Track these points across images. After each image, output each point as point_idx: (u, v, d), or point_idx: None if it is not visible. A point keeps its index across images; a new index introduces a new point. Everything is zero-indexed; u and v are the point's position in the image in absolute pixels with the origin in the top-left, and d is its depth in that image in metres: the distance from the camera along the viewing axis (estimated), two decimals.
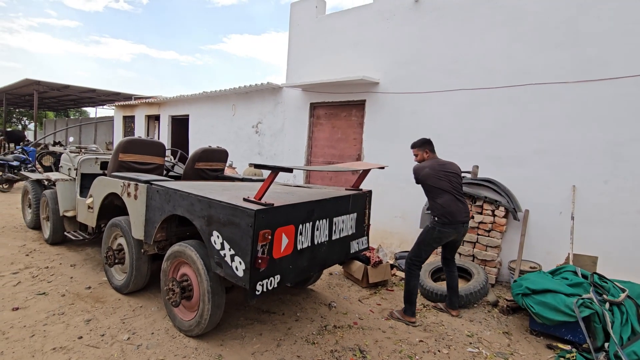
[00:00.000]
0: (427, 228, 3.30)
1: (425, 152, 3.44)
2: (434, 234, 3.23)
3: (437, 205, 3.22)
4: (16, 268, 3.88)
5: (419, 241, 3.31)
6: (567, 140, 4.03)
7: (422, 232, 3.33)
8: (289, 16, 7.06)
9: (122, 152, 3.73)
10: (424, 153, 3.44)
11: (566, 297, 2.93)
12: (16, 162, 8.60)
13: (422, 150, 3.45)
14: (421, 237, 3.31)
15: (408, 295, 3.27)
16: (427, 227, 3.31)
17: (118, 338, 2.69)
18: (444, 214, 3.18)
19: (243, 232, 2.26)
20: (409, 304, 3.26)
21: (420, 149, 3.46)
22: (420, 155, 3.46)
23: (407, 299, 3.27)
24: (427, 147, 3.44)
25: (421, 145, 3.46)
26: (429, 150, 3.44)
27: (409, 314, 3.26)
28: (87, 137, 22.61)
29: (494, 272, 4.22)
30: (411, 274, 3.26)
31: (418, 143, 3.48)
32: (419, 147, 3.46)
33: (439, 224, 3.21)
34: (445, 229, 3.19)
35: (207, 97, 8.93)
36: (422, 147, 3.45)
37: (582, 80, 3.94)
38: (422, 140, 3.48)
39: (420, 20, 5.20)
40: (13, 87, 15.31)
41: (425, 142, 3.46)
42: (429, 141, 3.46)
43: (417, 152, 3.47)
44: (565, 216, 4.01)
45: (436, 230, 3.21)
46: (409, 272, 3.28)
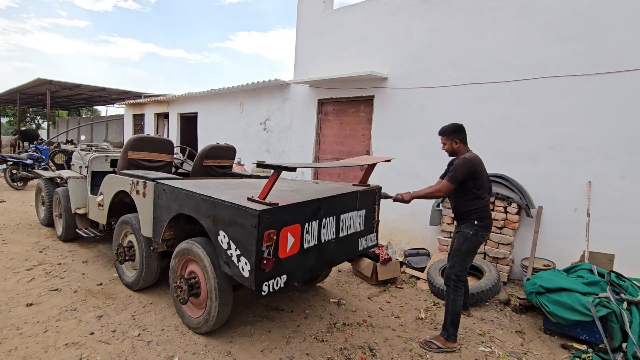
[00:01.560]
0: (468, 235, 2.81)
1: (454, 142, 2.90)
2: (477, 239, 2.82)
3: (481, 207, 2.82)
4: (30, 264, 3.95)
5: (465, 252, 2.82)
6: (582, 135, 3.92)
7: (464, 242, 2.82)
8: (296, 12, 7.00)
9: (131, 149, 3.76)
10: (452, 143, 2.91)
11: (582, 296, 2.85)
12: (30, 161, 8.76)
13: (452, 139, 2.91)
14: (465, 247, 2.82)
15: (454, 318, 2.76)
16: (467, 234, 2.81)
17: (129, 334, 2.71)
18: (487, 217, 2.85)
19: (247, 233, 2.24)
20: (454, 327, 2.77)
21: (449, 138, 2.91)
22: (448, 145, 2.92)
23: (453, 322, 2.76)
24: (457, 136, 2.89)
25: (452, 132, 2.90)
26: (459, 140, 2.89)
27: (452, 339, 2.76)
28: (98, 135, 22.97)
29: (506, 269, 4.14)
30: (457, 292, 2.78)
31: (448, 130, 2.92)
32: (448, 135, 2.91)
33: (481, 228, 2.81)
34: (486, 233, 2.86)
35: (215, 95, 8.95)
36: (451, 136, 2.90)
37: (598, 73, 3.81)
38: (454, 127, 2.91)
39: (428, 14, 5.09)
40: (26, 87, 15.60)
41: (457, 130, 2.90)
42: (462, 128, 2.90)
43: (446, 140, 2.92)
44: (580, 213, 3.90)
45: (479, 236, 2.82)
46: (455, 290, 2.78)
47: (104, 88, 15.43)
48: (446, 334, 2.78)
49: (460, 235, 2.87)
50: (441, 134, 2.99)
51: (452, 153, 2.96)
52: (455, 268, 2.84)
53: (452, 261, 2.89)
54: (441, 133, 2.99)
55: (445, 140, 2.95)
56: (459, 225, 2.94)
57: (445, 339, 2.77)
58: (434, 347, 2.75)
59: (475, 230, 2.81)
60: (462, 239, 2.84)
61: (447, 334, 2.78)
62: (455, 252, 2.89)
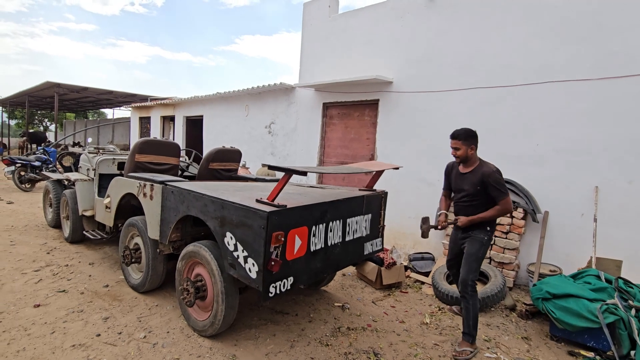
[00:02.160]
0: (483, 241, 2.83)
1: (470, 148, 2.78)
2: (488, 245, 2.88)
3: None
4: (38, 266, 3.99)
5: (482, 257, 2.84)
6: (589, 139, 3.89)
7: (480, 247, 2.83)
8: (301, 16, 7.05)
9: (138, 152, 3.79)
10: (468, 149, 2.77)
11: (589, 303, 2.82)
12: (38, 163, 8.86)
13: (468, 144, 2.77)
14: (482, 252, 2.84)
15: (475, 321, 2.79)
16: (482, 239, 2.83)
17: (135, 336, 2.73)
18: (495, 224, 2.92)
19: (256, 234, 2.25)
20: (475, 330, 2.80)
21: (465, 143, 2.76)
22: (463, 150, 2.77)
23: (475, 325, 2.78)
24: (474, 141, 2.79)
25: (469, 137, 2.77)
26: (475, 146, 2.80)
27: (474, 341, 2.82)
28: (104, 137, 23.22)
29: (512, 275, 4.11)
30: (475, 296, 2.80)
31: (464, 134, 2.77)
32: (464, 139, 2.76)
33: (492, 233, 2.89)
34: (493, 238, 2.96)
35: (221, 98, 9.01)
36: (468, 141, 2.77)
37: (606, 77, 3.80)
38: (471, 132, 2.78)
39: (434, 18, 5.10)
40: (35, 90, 15.80)
41: (474, 135, 2.78)
42: (477, 134, 2.80)
43: (461, 145, 2.77)
44: (587, 218, 3.87)
45: (489, 241, 2.88)
46: (473, 295, 2.78)
47: (111, 91, 15.58)
48: (471, 338, 2.80)
49: (475, 241, 2.85)
50: (455, 137, 2.81)
51: (465, 159, 2.84)
52: (472, 273, 2.81)
53: (468, 267, 2.83)
54: (456, 137, 2.81)
55: (461, 145, 2.78)
56: (469, 231, 2.90)
57: (471, 343, 2.80)
58: (468, 353, 2.76)
59: (488, 236, 2.85)
60: (478, 245, 2.84)
61: (472, 338, 2.80)
62: (471, 257, 2.84)
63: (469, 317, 2.79)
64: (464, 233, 2.95)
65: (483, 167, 2.79)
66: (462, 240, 2.99)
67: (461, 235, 3.00)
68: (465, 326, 2.82)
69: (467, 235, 2.93)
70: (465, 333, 2.82)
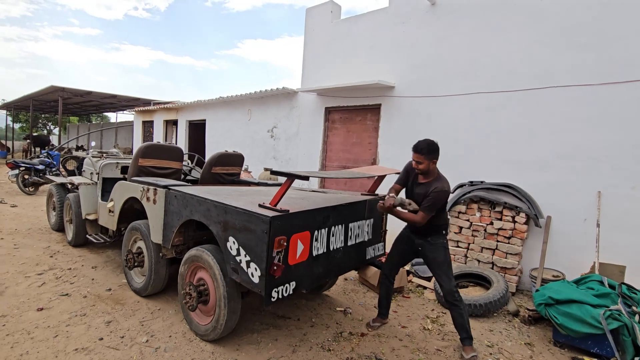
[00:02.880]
0: (445, 245, 2.88)
1: (432, 162, 2.76)
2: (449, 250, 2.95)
3: (446, 220, 2.97)
4: (41, 269, 4.01)
5: (450, 262, 2.87)
6: (592, 145, 3.90)
7: (445, 252, 2.87)
8: (304, 21, 7.11)
9: (141, 157, 3.82)
10: (430, 163, 2.74)
11: (592, 309, 2.81)
12: (41, 166, 8.90)
13: (430, 159, 2.73)
14: (448, 260, 2.87)
15: (469, 325, 2.85)
16: (443, 244, 2.88)
17: (137, 340, 2.73)
18: (448, 226, 3.05)
19: (258, 239, 2.26)
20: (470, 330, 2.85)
21: (428, 157, 2.72)
22: (425, 164, 2.73)
23: (469, 328, 2.84)
24: (436, 156, 2.76)
25: (432, 152, 2.73)
26: (436, 160, 2.78)
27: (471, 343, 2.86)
28: (107, 141, 23.34)
29: (515, 280, 4.10)
30: (462, 301, 2.84)
31: (427, 149, 2.71)
32: (427, 154, 2.71)
33: (446, 236, 2.96)
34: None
35: (224, 102, 9.06)
36: (431, 155, 2.73)
37: (607, 83, 3.81)
38: (434, 146, 2.75)
39: (436, 23, 5.14)
40: (39, 94, 15.94)
41: (437, 149, 2.77)
42: (438, 147, 2.79)
43: (424, 160, 2.73)
44: (590, 223, 3.86)
45: (448, 246, 2.94)
46: (461, 299, 2.82)
47: (115, 95, 15.69)
48: (471, 341, 2.84)
49: (437, 247, 2.87)
50: (419, 151, 2.73)
51: (426, 172, 2.79)
52: (452, 280, 2.84)
53: (446, 275, 2.83)
54: (419, 151, 2.73)
55: (424, 159, 2.72)
56: (427, 237, 2.89)
57: (471, 345, 2.83)
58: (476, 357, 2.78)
59: (445, 239, 2.92)
60: (443, 251, 2.87)
61: (471, 341, 2.84)
62: (443, 265, 2.85)
63: (464, 322, 2.82)
64: (420, 238, 2.93)
65: (437, 182, 2.76)
66: (419, 246, 2.95)
67: (418, 241, 2.95)
68: (463, 331, 2.84)
69: (424, 241, 2.90)
70: (466, 338, 2.83)
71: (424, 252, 2.95)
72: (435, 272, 2.90)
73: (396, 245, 3.16)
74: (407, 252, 3.10)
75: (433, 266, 2.91)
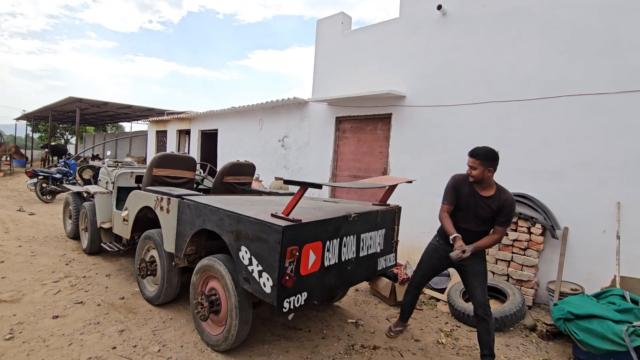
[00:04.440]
0: (485, 261, 2.85)
1: (488, 170, 2.63)
2: None
3: None
4: (57, 277, 4.08)
5: (486, 278, 2.80)
6: (609, 154, 3.81)
7: (485, 268, 2.81)
8: (313, 32, 7.21)
9: (156, 166, 3.89)
10: (486, 170, 2.62)
11: (615, 324, 2.71)
12: (59, 175, 9.13)
13: (486, 166, 2.62)
14: (486, 272, 2.81)
15: (494, 343, 2.73)
16: (485, 260, 2.85)
17: (149, 350, 2.74)
18: None
19: (271, 248, 2.26)
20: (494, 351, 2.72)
21: (483, 164, 2.61)
22: (480, 171, 2.62)
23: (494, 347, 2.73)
24: (493, 164, 2.64)
25: (489, 159, 2.61)
26: (493, 169, 2.65)
27: None
28: (122, 150, 23.85)
29: (531, 293, 3.99)
30: (492, 317, 2.74)
31: (484, 155, 2.61)
32: (483, 160, 2.61)
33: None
34: None
35: (235, 112, 9.19)
36: (487, 163, 2.61)
37: (625, 91, 3.73)
38: (493, 154, 2.63)
39: (448, 33, 5.14)
40: (58, 105, 16.45)
41: (495, 158, 2.63)
42: (498, 156, 2.66)
43: (479, 165, 2.62)
44: (609, 234, 3.75)
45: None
46: (491, 316, 2.71)
47: (130, 105, 16.08)
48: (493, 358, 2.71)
49: (480, 258, 2.81)
50: (475, 156, 2.64)
51: (479, 181, 2.68)
52: (486, 294, 2.74)
53: (482, 288, 2.73)
54: (475, 155, 2.64)
55: (479, 165, 2.62)
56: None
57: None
58: None
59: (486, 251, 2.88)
60: (484, 262, 2.83)
61: (493, 358, 2.71)
62: (481, 276, 2.76)
63: (490, 339, 2.69)
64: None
65: (505, 194, 2.69)
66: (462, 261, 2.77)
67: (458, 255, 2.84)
68: (486, 348, 2.70)
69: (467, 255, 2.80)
70: (488, 355, 2.70)
71: (465, 262, 2.75)
72: (472, 282, 2.77)
73: (428, 257, 3.05)
74: (439, 266, 3.01)
75: (471, 276, 2.78)
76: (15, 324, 2.97)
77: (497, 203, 2.67)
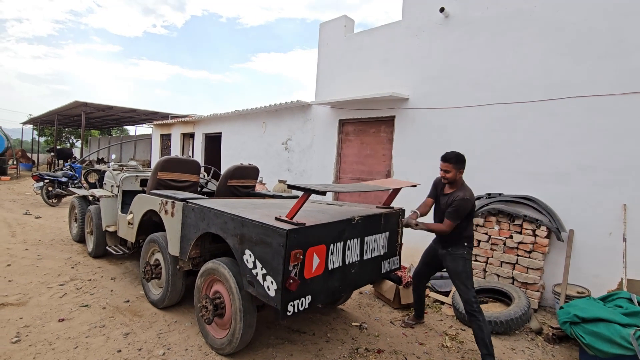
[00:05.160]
0: (464, 256, 2.93)
1: (459, 172, 2.94)
2: (470, 259, 2.97)
3: (471, 232, 3.03)
4: (62, 280, 4.11)
5: (468, 273, 2.91)
6: (615, 156, 3.78)
7: (465, 263, 2.91)
8: (316, 35, 7.24)
9: (160, 170, 3.91)
10: (458, 172, 2.93)
11: (622, 328, 2.68)
12: (64, 179, 9.21)
13: (458, 169, 2.92)
14: (468, 268, 2.92)
15: (490, 339, 2.75)
16: (463, 254, 2.93)
17: (154, 353, 2.75)
18: (473, 238, 3.09)
19: (275, 252, 2.27)
20: (492, 346, 2.74)
21: (456, 167, 2.91)
22: (453, 173, 2.92)
23: (491, 342, 2.74)
24: (463, 166, 2.94)
25: (460, 162, 2.92)
26: (462, 170, 2.95)
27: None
28: (126, 153, 24.03)
29: (537, 296, 3.96)
30: (482, 312, 2.81)
31: (455, 158, 2.91)
32: (455, 163, 2.90)
33: (469, 249, 2.99)
34: (472, 253, 3.04)
35: (239, 115, 9.24)
36: (459, 165, 2.91)
37: (629, 92, 3.71)
38: (462, 157, 2.93)
39: (450, 35, 5.15)
40: (64, 109, 16.61)
41: (463, 160, 2.94)
42: (465, 159, 2.96)
43: (452, 169, 2.92)
44: (615, 237, 3.72)
45: (469, 256, 2.98)
46: (480, 310, 2.80)
47: (134, 109, 16.21)
48: (492, 359, 2.74)
49: (456, 258, 2.95)
50: (447, 160, 2.92)
51: (452, 181, 2.97)
52: (471, 289, 2.88)
53: (464, 285, 2.89)
54: (447, 160, 2.92)
55: (452, 168, 2.91)
56: (448, 247, 3.01)
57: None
58: None
59: (467, 251, 2.97)
60: (462, 262, 2.94)
61: (493, 358, 2.74)
62: (461, 275, 2.92)
63: (484, 335, 2.76)
64: (443, 249, 3.06)
65: (460, 192, 2.91)
66: (442, 256, 3.07)
67: (441, 252, 3.09)
68: (483, 347, 2.75)
69: (445, 252, 3.02)
70: (487, 355, 2.73)
71: (445, 262, 3.05)
72: (454, 282, 3.00)
73: (424, 256, 3.35)
74: (431, 263, 3.29)
75: (452, 276, 3.00)
76: (21, 327, 3.00)
77: (451, 198, 2.94)
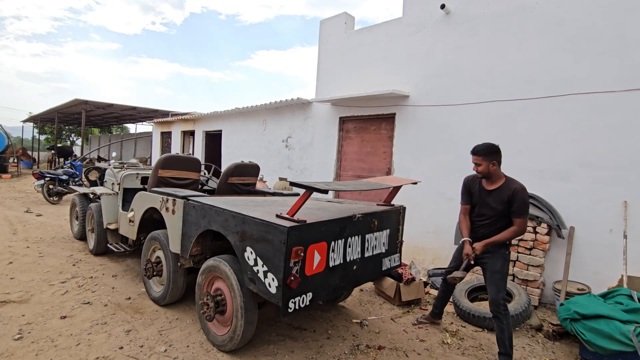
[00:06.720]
0: (505, 256, 2.81)
1: (492, 164, 2.72)
2: (509, 259, 2.86)
3: None
4: (64, 277, 4.13)
5: (505, 274, 2.79)
6: (616, 153, 3.77)
7: (504, 263, 2.80)
8: (316, 32, 7.21)
9: (161, 168, 3.92)
10: (490, 164, 2.72)
11: (622, 324, 2.69)
12: (65, 176, 9.22)
13: (489, 160, 2.72)
14: (506, 269, 2.80)
15: (511, 341, 2.72)
16: (504, 254, 2.81)
17: (156, 350, 2.77)
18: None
19: (276, 249, 2.27)
20: (512, 349, 2.72)
21: (486, 159, 2.72)
22: (484, 166, 2.73)
23: (511, 345, 2.71)
24: (496, 157, 2.73)
25: (490, 153, 2.71)
26: (497, 162, 2.74)
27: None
28: (127, 151, 24.03)
29: (537, 292, 3.97)
30: (508, 315, 2.74)
31: (485, 150, 2.72)
32: (485, 155, 2.71)
33: (509, 247, 2.87)
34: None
35: (239, 113, 9.23)
36: (489, 157, 2.71)
37: (631, 89, 3.70)
38: (493, 147, 2.73)
39: (451, 32, 5.13)
40: (64, 107, 16.61)
41: (496, 151, 2.73)
42: (499, 149, 2.74)
43: (482, 161, 2.73)
44: (616, 234, 3.72)
45: (509, 255, 2.85)
46: (506, 313, 2.72)
47: (135, 107, 16.20)
48: (508, 358, 2.73)
49: (498, 256, 2.81)
50: (476, 153, 2.77)
51: (487, 175, 2.79)
52: (502, 292, 2.77)
53: (496, 285, 2.77)
54: (476, 153, 2.77)
55: (482, 160, 2.74)
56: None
57: None
58: None
59: (509, 250, 2.87)
60: (502, 261, 2.81)
61: (510, 358, 2.73)
62: (497, 275, 2.79)
63: (504, 337, 2.73)
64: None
65: (513, 184, 2.74)
66: (480, 255, 2.89)
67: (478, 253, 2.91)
68: (501, 346, 2.75)
69: (486, 250, 2.87)
70: (502, 354, 2.74)
71: (483, 259, 2.89)
72: (487, 279, 2.85)
73: (457, 253, 3.18)
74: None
75: (488, 272, 2.86)
76: (24, 324, 3.01)
77: (506, 193, 2.73)
